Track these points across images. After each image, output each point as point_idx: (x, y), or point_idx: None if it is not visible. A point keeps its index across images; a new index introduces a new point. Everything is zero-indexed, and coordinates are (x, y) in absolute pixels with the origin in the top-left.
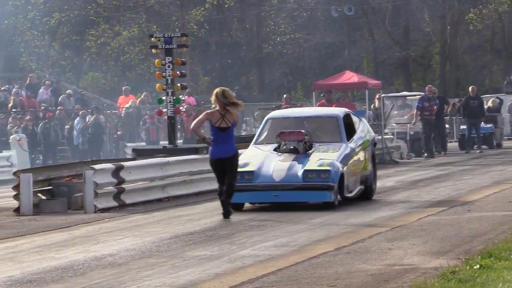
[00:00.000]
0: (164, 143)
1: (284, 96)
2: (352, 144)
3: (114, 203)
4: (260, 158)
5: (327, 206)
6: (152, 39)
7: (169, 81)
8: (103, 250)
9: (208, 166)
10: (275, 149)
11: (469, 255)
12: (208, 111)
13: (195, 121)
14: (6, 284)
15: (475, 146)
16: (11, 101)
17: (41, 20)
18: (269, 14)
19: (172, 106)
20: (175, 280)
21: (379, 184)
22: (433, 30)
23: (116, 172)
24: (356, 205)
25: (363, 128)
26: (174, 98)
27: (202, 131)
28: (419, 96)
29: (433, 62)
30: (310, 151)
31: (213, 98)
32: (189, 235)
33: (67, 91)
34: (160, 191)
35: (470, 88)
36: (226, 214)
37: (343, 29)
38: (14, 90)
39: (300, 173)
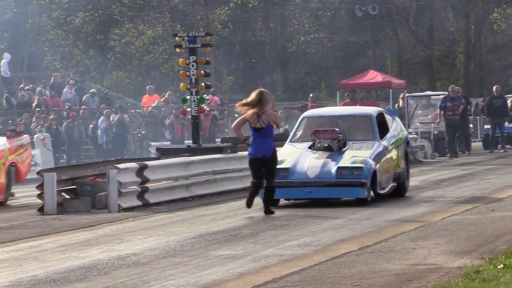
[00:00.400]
0: (189, 142)
1: (311, 95)
2: (385, 142)
3: (138, 202)
4: (295, 156)
5: (359, 203)
6: (176, 38)
7: (193, 81)
8: (127, 249)
9: (232, 166)
10: (310, 147)
11: (493, 255)
12: (249, 111)
13: (235, 122)
14: (30, 283)
15: (499, 145)
16: (35, 100)
17: (65, 19)
18: (293, 14)
19: (196, 105)
20: (199, 280)
21: None
22: (457, 29)
23: (140, 171)
24: (380, 204)
25: (396, 126)
26: (198, 97)
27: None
28: (443, 96)
29: (457, 62)
30: (344, 149)
31: None
32: (213, 234)
33: (91, 90)
34: (184, 190)
35: (494, 88)
36: (267, 212)
37: (367, 28)
38: (38, 89)
39: (333, 170)
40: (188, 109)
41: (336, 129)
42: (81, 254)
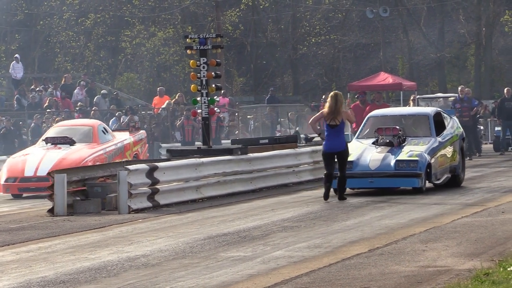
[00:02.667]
0: (199, 144)
1: (323, 97)
2: (440, 139)
3: (148, 204)
4: (359, 150)
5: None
6: (187, 40)
7: (204, 82)
8: (136, 250)
9: (242, 167)
10: (373, 143)
11: (502, 257)
12: (323, 110)
13: (312, 118)
14: (40, 284)
15: (510, 147)
16: (47, 101)
17: (76, 21)
18: (304, 15)
19: (206, 107)
20: (208, 281)
21: None
22: (468, 31)
23: (150, 172)
24: (390, 206)
25: (452, 124)
26: (209, 99)
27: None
28: (453, 98)
29: (468, 64)
30: (403, 144)
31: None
32: (222, 236)
33: (102, 91)
34: (194, 192)
35: (505, 90)
36: (341, 198)
37: (378, 30)
38: (49, 90)
39: (392, 162)
40: (199, 111)
41: (397, 127)
42: (90, 256)
